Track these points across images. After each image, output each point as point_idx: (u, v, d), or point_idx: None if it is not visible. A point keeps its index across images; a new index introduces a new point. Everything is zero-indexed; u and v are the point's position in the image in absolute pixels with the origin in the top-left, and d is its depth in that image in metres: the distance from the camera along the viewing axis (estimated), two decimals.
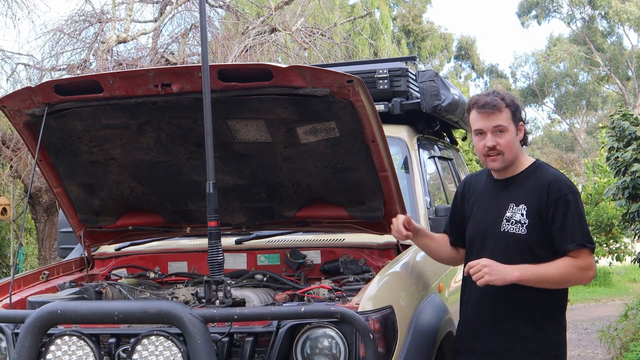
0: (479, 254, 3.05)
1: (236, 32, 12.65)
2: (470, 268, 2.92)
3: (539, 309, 3.01)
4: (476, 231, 3.14)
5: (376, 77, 4.56)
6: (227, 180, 3.48)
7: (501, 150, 3.03)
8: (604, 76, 36.96)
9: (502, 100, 3.04)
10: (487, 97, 3.06)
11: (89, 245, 3.89)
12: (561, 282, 2.98)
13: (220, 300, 2.84)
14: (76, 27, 11.91)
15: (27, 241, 15.02)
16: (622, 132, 6.76)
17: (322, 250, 3.75)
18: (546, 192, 2.99)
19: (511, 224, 3.02)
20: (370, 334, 2.63)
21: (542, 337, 3.00)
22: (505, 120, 3.03)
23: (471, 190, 3.25)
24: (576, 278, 2.98)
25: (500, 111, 3.03)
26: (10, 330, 2.93)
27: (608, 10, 34.50)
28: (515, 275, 2.89)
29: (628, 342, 7.15)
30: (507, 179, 3.11)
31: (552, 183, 3.00)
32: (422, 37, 30.98)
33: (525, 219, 3.00)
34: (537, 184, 3.03)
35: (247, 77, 3.03)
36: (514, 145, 3.06)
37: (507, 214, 3.04)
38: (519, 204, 3.03)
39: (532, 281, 2.92)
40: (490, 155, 3.05)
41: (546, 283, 2.95)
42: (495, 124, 3.02)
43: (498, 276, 2.87)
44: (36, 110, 3.27)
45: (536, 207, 2.99)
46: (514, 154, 3.07)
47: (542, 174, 3.07)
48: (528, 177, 3.08)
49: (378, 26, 17.75)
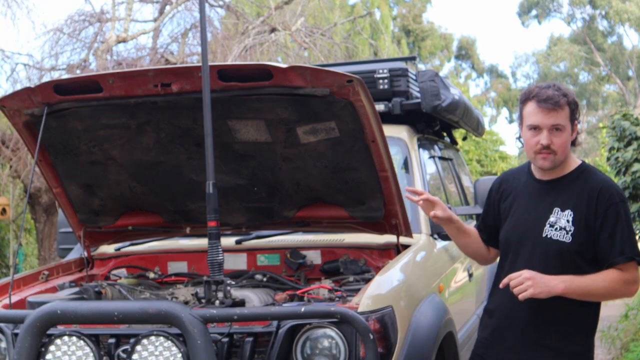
0: (515, 257, 2.92)
1: (236, 32, 12.65)
2: (511, 280, 2.74)
3: (574, 324, 2.87)
4: (514, 233, 2.95)
5: (376, 77, 4.56)
6: (227, 180, 3.48)
7: (555, 150, 2.82)
8: (605, 76, 36.96)
9: (565, 97, 2.81)
10: (549, 90, 2.82)
11: (88, 246, 3.88)
12: (605, 296, 2.83)
13: (220, 301, 2.84)
14: (76, 27, 11.92)
15: (26, 241, 15.02)
16: (622, 132, 6.77)
17: (322, 250, 3.75)
18: (595, 199, 2.80)
19: (555, 230, 2.83)
20: (370, 334, 2.62)
21: (575, 351, 2.87)
22: (564, 119, 2.81)
23: (509, 187, 3.04)
24: (621, 292, 2.82)
25: (562, 108, 2.80)
26: (10, 330, 2.92)
27: (608, 10, 34.50)
28: (560, 288, 2.73)
29: (628, 343, 7.14)
30: (552, 180, 2.91)
31: (602, 190, 2.81)
32: (422, 37, 30.99)
33: (571, 226, 2.81)
34: (585, 190, 2.84)
35: (247, 77, 3.03)
36: (567, 145, 2.85)
37: (551, 219, 2.85)
38: (564, 209, 2.84)
39: (576, 294, 2.77)
40: (542, 153, 2.83)
41: (590, 296, 2.80)
42: (555, 122, 2.80)
43: (542, 289, 2.72)
44: (36, 110, 3.26)
45: (583, 214, 2.81)
46: (565, 155, 2.86)
47: (590, 178, 2.87)
48: (575, 180, 2.88)
49: (378, 26, 17.76)
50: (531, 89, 2.89)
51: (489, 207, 3.14)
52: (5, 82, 13.95)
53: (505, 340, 2.95)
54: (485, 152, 20.54)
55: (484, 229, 3.16)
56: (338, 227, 3.68)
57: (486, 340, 3.04)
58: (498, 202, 3.08)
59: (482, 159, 20.22)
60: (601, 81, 37.54)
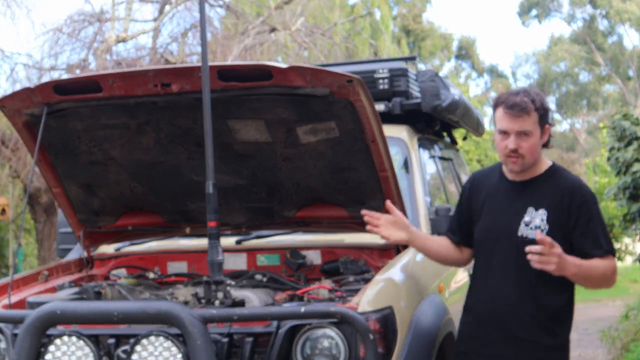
0: (490, 256, 3.00)
1: (236, 32, 12.66)
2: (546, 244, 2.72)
3: (549, 316, 2.95)
4: (488, 232, 3.04)
5: (376, 77, 4.55)
6: (227, 180, 3.48)
7: (523, 154, 2.92)
8: (605, 76, 36.95)
9: (532, 103, 2.90)
10: (517, 97, 2.91)
11: (88, 246, 3.88)
12: (599, 282, 2.95)
13: (220, 301, 2.84)
14: (75, 27, 11.92)
15: (26, 241, 15.03)
16: (622, 132, 6.76)
17: (322, 250, 3.75)
18: (569, 197, 2.91)
19: (530, 229, 2.92)
20: (370, 335, 2.62)
21: (552, 343, 2.96)
22: (531, 125, 2.91)
23: (480, 188, 3.15)
24: (609, 280, 2.95)
25: (528, 115, 2.90)
26: (10, 330, 2.92)
27: (609, 9, 34.48)
28: (571, 272, 2.83)
29: (629, 343, 7.15)
30: (525, 181, 3.01)
31: (575, 189, 2.94)
32: (422, 37, 30.99)
33: (545, 224, 2.90)
34: (558, 189, 2.95)
35: (247, 77, 3.03)
36: (536, 150, 2.95)
37: (526, 218, 2.94)
38: (538, 209, 2.94)
39: (578, 277, 2.88)
40: (511, 156, 2.94)
41: (588, 281, 2.91)
42: (521, 128, 2.90)
43: (560, 271, 2.79)
44: (35, 110, 3.26)
45: (557, 212, 2.91)
46: (535, 157, 2.97)
47: (562, 178, 2.99)
48: (547, 180, 2.99)
49: (378, 26, 17.77)
50: (501, 95, 3.01)
51: (461, 208, 3.22)
52: (4, 82, 13.96)
53: (484, 335, 3.02)
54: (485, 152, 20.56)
55: (457, 229, 3.23)
56: (338, 227, 3.68)
57: (466, 336, 3.12)
58: (469, 202, 3.17)
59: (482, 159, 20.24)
60: (601, 81, 37.52)
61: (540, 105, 2.93)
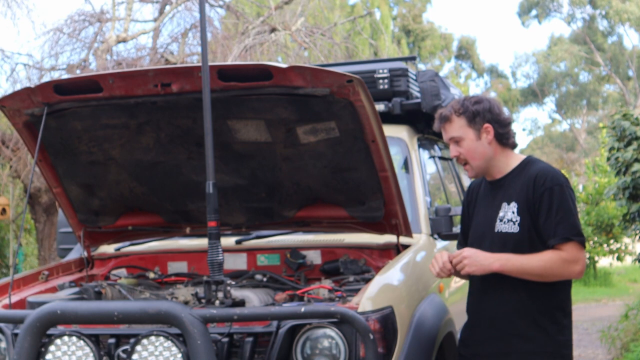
0: None
1: (236, 32, 12.65)
2: (453, 259, 2.91)
3: (541, 313, 2.96)
4: (474, 233, 3.12)
5: (376, 77, 4.55)
6: (227, 180, 3.48)
7: (465, 159, 3.04)
8: (605, 76, 36.94)
9: (452, 109, 3.02)
10: (445, 108, 3.07)
11: (88, 246, 3.88)
12: (545, 275, 2.89)
13: (220, 301, 2.84)
14: (76, 27, 11.91)
15: (26, 241, 15.02)
16: (622, 132, 6.75)
17: (322, 250, 3.75)
18: (532, 186, 2.93)
19: (504, 224, 2.98)
20: (371, 334, 2.62)
21: (543, 338, 2.97)
22: (457, 130, 3.02)
23: (474, 194, 3.23)
24: (562, 271, 2.88)
25: (450, 121, 3.03)
26: (10, 330, 2.93)
27: (608, 9, 34.47)
28: (495, 266, 2.87)
29: (628, 343, 7.15)
30: (499, 180, 3.08)
31: (537, 177, 2.94)
32: (422, 37, 30.96)
33: (516, 216, 2.95)
34: (525, 180, 2.98)
35: (247, 77, 3.03)
36: (476, 151, 3.02)
37: (500, 214, 3.00)
38: (509, 203, 2.99)
39: (514, 272, 2.88)
40: (461, 164, 3.07)
41: (529, 275, 2.89)
42: (450, 136, 3.05)
43: (477, 267, 2.88)
44: (35, 110, 3.26)
45: (524, 203, 2.95)
46: (483, 158, 3.03)
47: (530, 168, 3.01)
48: (519, 174, 3.03)
49: (378, 26, 17.76)
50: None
51: (464, 216, 3.28)
52: (5, 82, 13.96)
53: (478, 335, 3.06)
54: None
55: (463, 240, 3.25)
56: (338, 227, 3.68)
57: (464, 339, 3.17)
58: (467, 209, 3.25)
59: None
60: (601, 81, 37.52)
61: (465, 108, 3.01)
